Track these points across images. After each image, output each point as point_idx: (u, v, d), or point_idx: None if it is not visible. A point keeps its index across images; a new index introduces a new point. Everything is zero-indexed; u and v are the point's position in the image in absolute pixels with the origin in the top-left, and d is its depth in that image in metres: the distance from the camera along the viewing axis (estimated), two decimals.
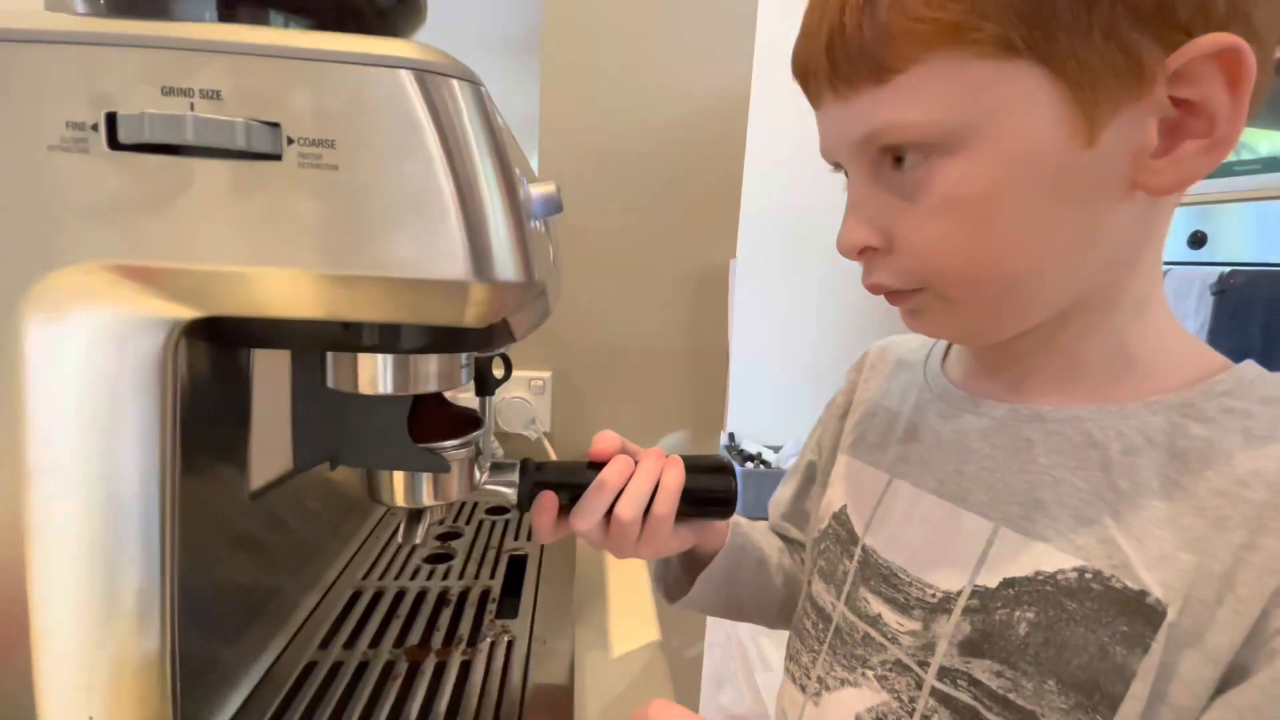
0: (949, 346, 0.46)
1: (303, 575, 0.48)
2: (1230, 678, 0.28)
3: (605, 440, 0.43)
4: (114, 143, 0.23)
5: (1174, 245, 1.52)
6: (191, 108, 0.23)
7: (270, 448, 0.36)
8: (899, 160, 0.31)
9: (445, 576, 0.51)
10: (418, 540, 0.39)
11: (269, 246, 0.25)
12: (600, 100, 0.83)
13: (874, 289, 0.36)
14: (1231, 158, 1.50)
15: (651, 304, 0.87)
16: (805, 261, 2.57)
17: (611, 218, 0.84)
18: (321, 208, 0.24)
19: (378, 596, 0.47)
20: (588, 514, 0.40)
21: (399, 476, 0.38)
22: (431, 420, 0.39)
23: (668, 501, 0.41)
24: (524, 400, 0.83)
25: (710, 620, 1.09)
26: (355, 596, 0.47)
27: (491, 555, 0.55)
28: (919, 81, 0.29)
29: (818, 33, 0.32)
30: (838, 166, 0.37)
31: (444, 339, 0.32)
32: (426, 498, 0.38)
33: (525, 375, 0.84)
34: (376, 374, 0.35)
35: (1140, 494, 0.31)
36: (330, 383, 0.35)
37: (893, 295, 0.36)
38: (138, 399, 0.25)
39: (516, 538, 0.58)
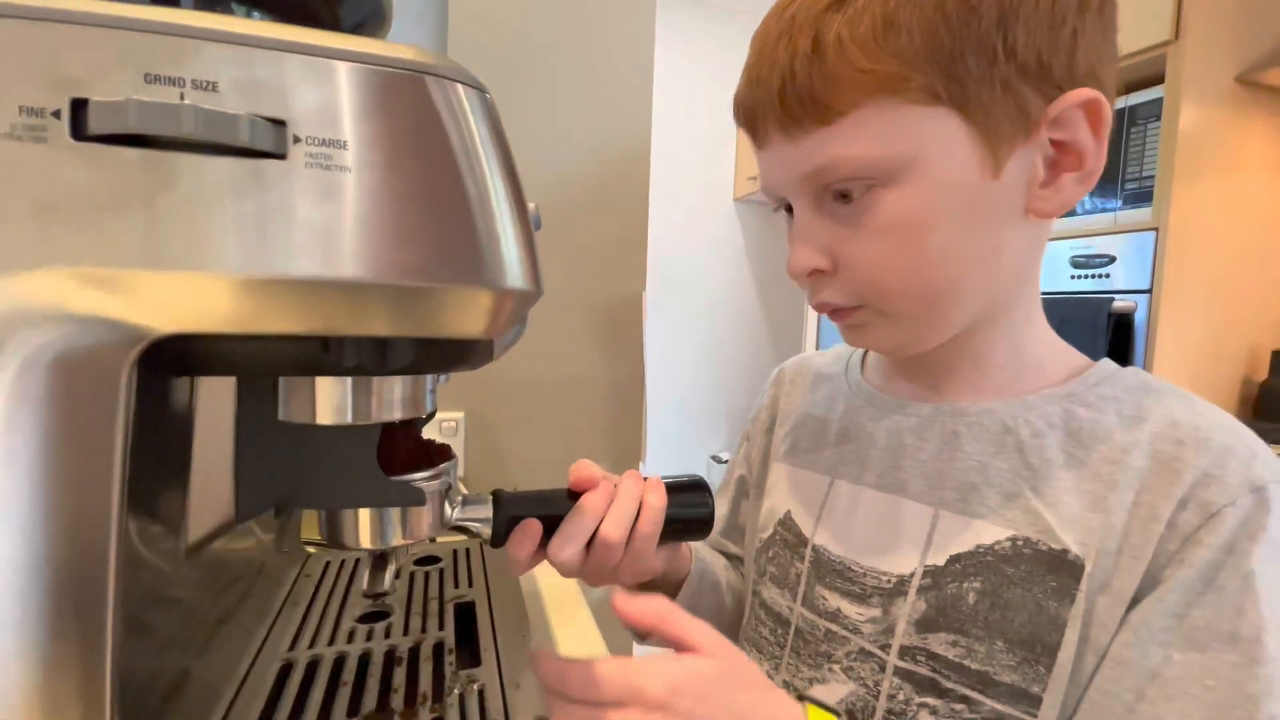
0: (864, 358, 0.51)
1: (213, 655, 0.41)
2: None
3: (585, 469, 0.42)
4: (79, 133, 0.20)
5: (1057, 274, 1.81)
6: (182, 98, 0.21)
7: (211, 495, 0.31)
8: (841, 194, 0.36)
9: (387, 635, 0.46)
10: (385, 587, 0.36)
11: (267, 252, 0.22)
12: (507, 127, 0.83)
13: (820, 308, 0.40)
14: None
15: (564, 338, 0.87)
16: (678, 305, 2.70)
17: None
18: (331, 211, 0.23)
19: (314, 666, 0.41)
20: (570, 540, 0.39)
21: (364, 515, 0.34)
22: (399, 450, 0.36)
23: (653, 520, 0.40)
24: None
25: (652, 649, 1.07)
26: (287, 669, 0.41)
27: (434, 606, 0.50)
28: (860, 123, 0.34)
29: (768, 80, 0.36)
30: (780, 204, 0.41)
31: (432, 357, 0.30)
32: (396, 537, 0.34)
33: (438, 416, 0.80)
34: (339, 401, 0.32)
35: (1049, 469, 0.37)
36: (282, 415, 0.32)
37: (836, 312, 0.40)
38: (88, 433, 0.21)
39: (457, 585, 0.54)
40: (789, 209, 0.40)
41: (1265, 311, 1.55)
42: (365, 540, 0.34)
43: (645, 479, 0.43)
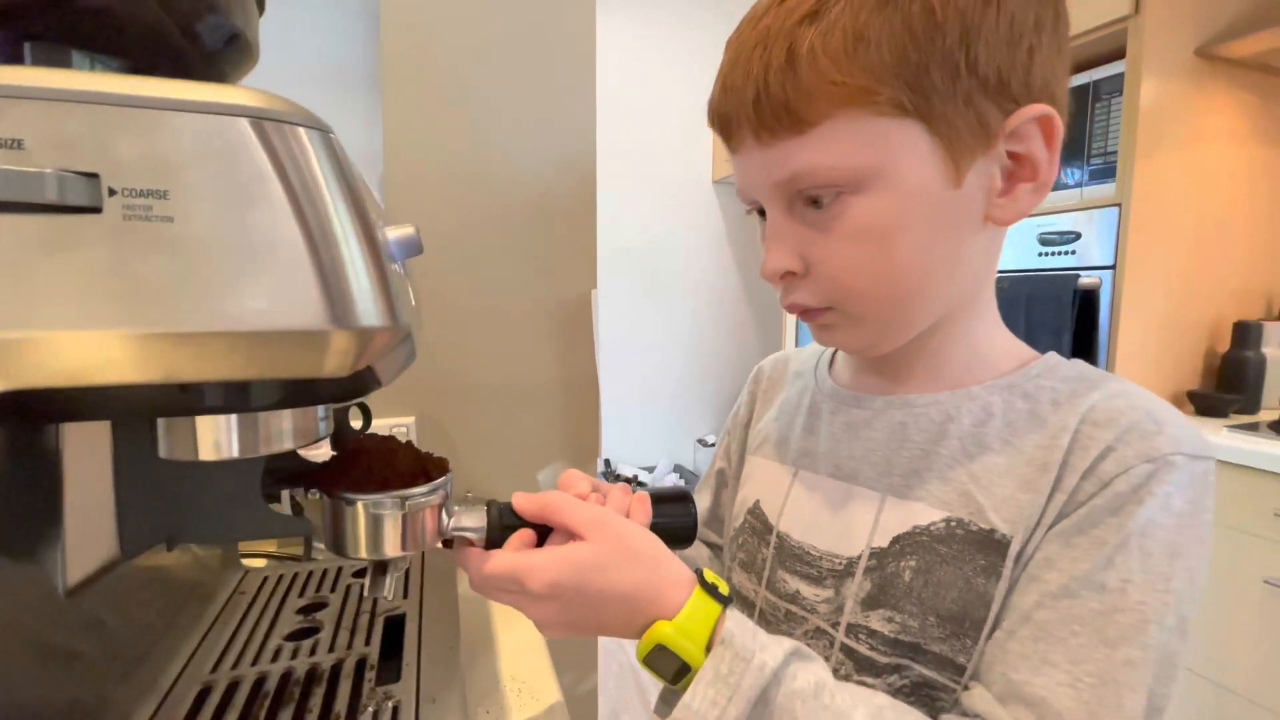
0: (834, 355, 0.53)
1: (134, 680, 0.41)
2: None
3: (574, 481, 0.42)
4: None
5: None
6: None
7: (90, 535, 0.31)
8: (813, 200, 0.37)
9: (313, 652, 0.46)
10: (386, 593, 0.38)
11: (90, 306, 0.22)
12: (445, 136, 0.82)
13: (792, 308, 0.42)
14: None
15: (515, 339, 0.86)
16: (664, 291, 2.70)
17: (466, 255, 0.83)
18: (155, 262, 0.23)
19: (232, 688, 0.42)
20: None
21: (363, 528, 0.36)
22: (396, 465, 0.38)
23: None
24: None
25: (601, 652, 1.08)
26: (204, 693, 0.42)
27: (365, 620, 0.51)
28: (831, 133, 0.35)
29: (743, 89, 0.37)
30: (753, 207, 0.42)
31: (304, 392, 0.30)
32: (392, 548, 0.37)
33: (386, 423, 0.80)
34: (220, 437, 0.32)
35: (986, 454, 0.39)
36: (163, 452, 0.32)
37: (807, 313, 0.42)
38: None
39: (391, 597, 0.55)
40: (761, 212, 0.41)
41: (1226, 284, 1.56)
42: (363, 551, 0.36)
43: (634, 491, 0.43)
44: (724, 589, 0.38)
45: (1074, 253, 1.51)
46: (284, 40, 0.82)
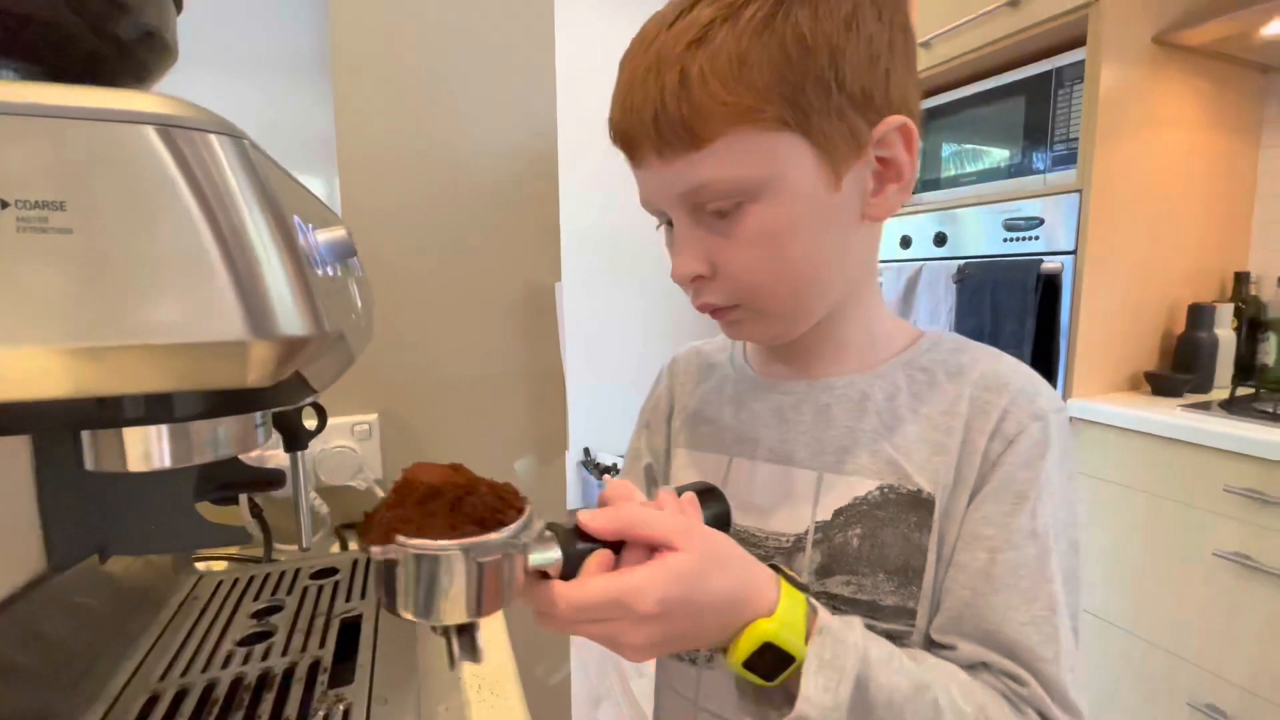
0: (745, 346, 0.56)
1: (80, 689, 0.41)
2: None
3: (627, 489, 0.39)
4: None
5: (923, 245, 1.83)
6: None
7: (14, 551, 0.31)
8: (717, 210, 0.40)
9: (265, 656, 0.46)
10: (478, 658, 0.33)
11: None
12: (400, 122, 0.80)
13: (703, 308, 0.45)
14: (956, 171, 1.84)
15: (478, 331, 0.86)
16: (635, 276, 2.69)
17: (425, 247, 0.82)
18: (54, 275, 0.22)
19: (180, 697, 0.42)
20: None
21: (459, 589, 0.30)
22: (464, 504, 0.32)
23: None
24: (348, 449, 0.77)
25: (576, 641, 1.09)
26: (152, 702, 0.41)
27: (320, 623, 0.50)
28: (725, 148, 0.38)
29: (641, 108, 0.39)
30: (661, 218, 0.45)
31: (231, 401, 0.30)
32: (464, 613, 0.30)
33: (347, 421, 0.79)
34: (151, 447, 0.31)
35: (901, 425, 0.45)
36: (90, 464, 0.31)
37: (717, 311, 0.45)
38: None
39: (349, 598, 0.54)
40: (668, 222, 0.44)
41: (1182, 267, 1.60)
42: (447, 615, 0.30)
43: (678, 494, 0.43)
44: (800, 577, 0.40)
45: (1037, 238, 1.54)
46: (233, 26, 0.80)
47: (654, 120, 0.39)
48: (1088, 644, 1.46)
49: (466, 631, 0.33)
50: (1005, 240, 1.61)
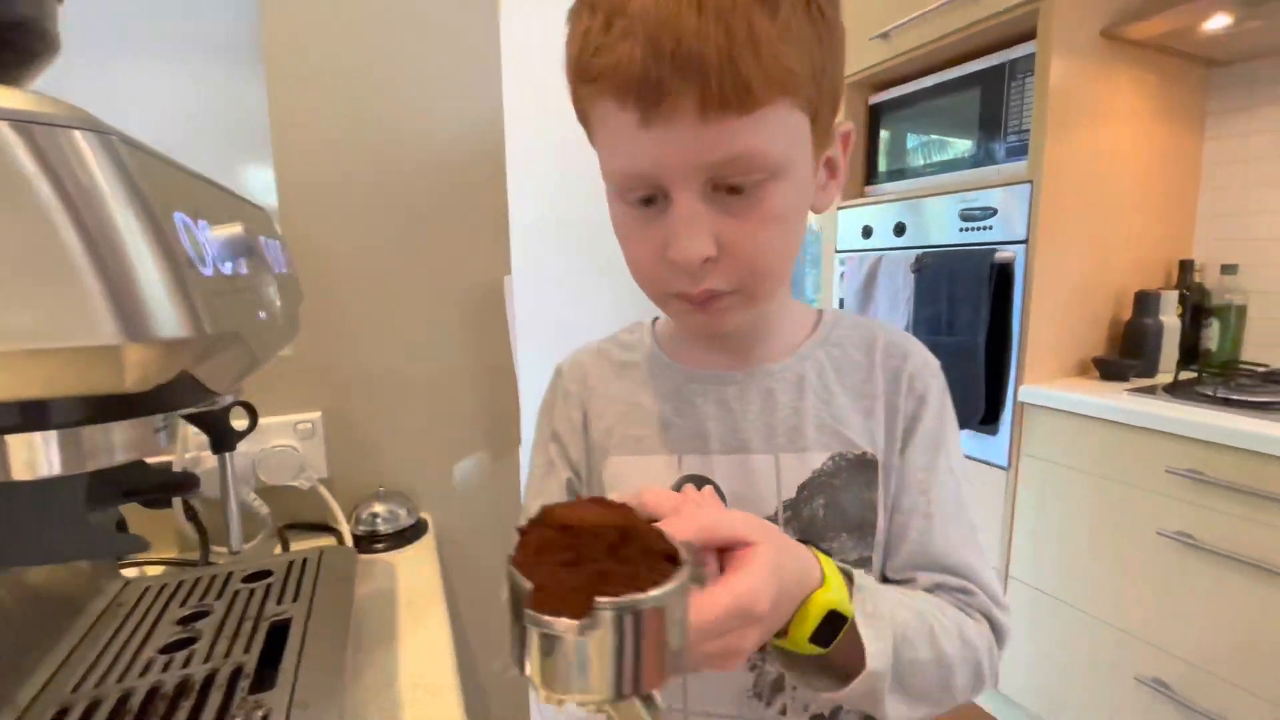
0: (658, 341, 0.54)
1: None
2: None
3: (674, 495, 0.37)
4: None
5: (884, 235, 1.85)
6: None
7: None
8: (732, 187, 0.38)
9: (187, 663, 0.45)
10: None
11: None
12: (338, 111, 0.77)
13: (704, 294, 0.41)
14: (916, 162, 1.86)
15: (424, 327, 0.84)
16: (605, 264, 2.67)
17: (368, 239, 0.80)
18: None
19: (93, 708, 0.40)
20: None
21: (637, 644, 0.25)
22: (618, 555, 0.27)
23: None
24: (289, 448, 0.76)
25: None
26: (62, 714, 0.40)
27: (248, 627, 0.50)
28: (769, 119, 0.36)
29: (695, 55, 0.34)
30: (648, 192, 0.39)
31: (122, 405, 0.29)
32: (676, 666, 0.27)
33: (288, 420, 0.77)
34: (36, 455, 0.30)
35: (834, 398, 0.49)
36: None
37: (712, 299, 0.42)
38: None
39: (281, 601, 0.53)
40: (644, 200, 0.40)
41: (1130, 255, 1.65)
42: (671, 670, 0.27)
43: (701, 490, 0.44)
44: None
45: (991, 228, 1.57)
46: (163, 8, 0.77)
47: (715, 71, 0.34)
48: (1041, 622, 1.51)
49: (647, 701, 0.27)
50: (961, 230, 1.64)
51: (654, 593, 0.26)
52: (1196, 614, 1.23)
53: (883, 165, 1.95)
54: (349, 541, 0.70)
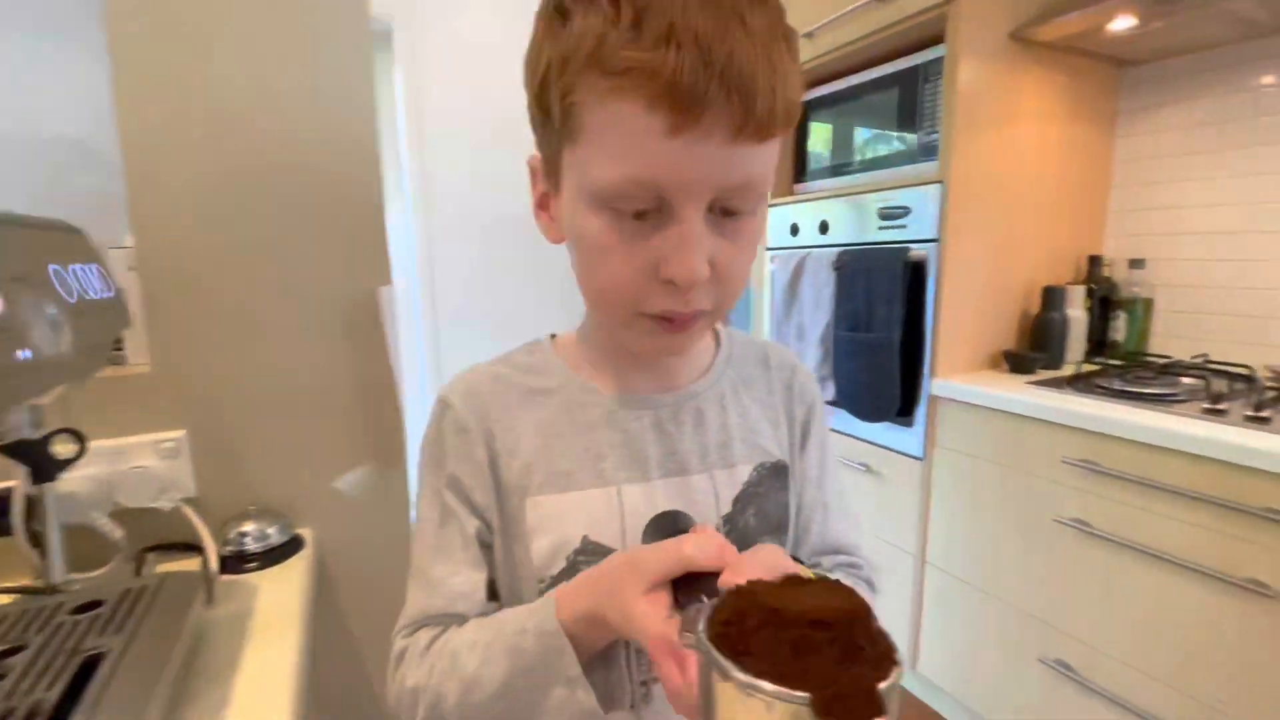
0: (563, 366, 0.50)
1: None
2: None
3: (720, 541, 0.37)
4: None
5: (810, 233, 1.88)
6: None
7: None
8: (727, 210, 0.39)
9: None
10: None
11: None
12: (191, 104, 0.73)
13: (694, 315, 0.42)
14: (843, 161, 1.88)
15: (299, 340, 0.82)
16: (520, 271, 2.64)
17: (233, 250, 0.78)
18: None
19: None
20: None
21: None
22: (856, 642, 0.25)
23: None
24: (148, 469, 0.74)
25: None
26: None
27: (60, 661, 0.48)
28: (773, 148, 0.39)
29: (745, 77, 0.34)
30: (652, 204, 0.38)
31: None
32: None
33: (147, 439, 0.75)
34: None
35: (748, 411, 0.52)
36: None
37: (693, 319, 0.42)
38: None
39: (104, 633, 0.52)
40: (635, 214, 0.38)
41: (1041, 252, 1.70)
42: None
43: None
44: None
45: (905, 227, 1.60)
46: None
47: (762, 95, 0.35)
48: (955, 605, 1.57)
49: None
50: (880, 229, 1.67)
51: (883, 685, 0.24)
52: (1093, 598, 1.28)
53: (812, 163, 1.97)
54: (213, 563, 0.69)
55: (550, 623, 0.40)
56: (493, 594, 0.49)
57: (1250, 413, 1.14)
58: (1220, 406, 1.19)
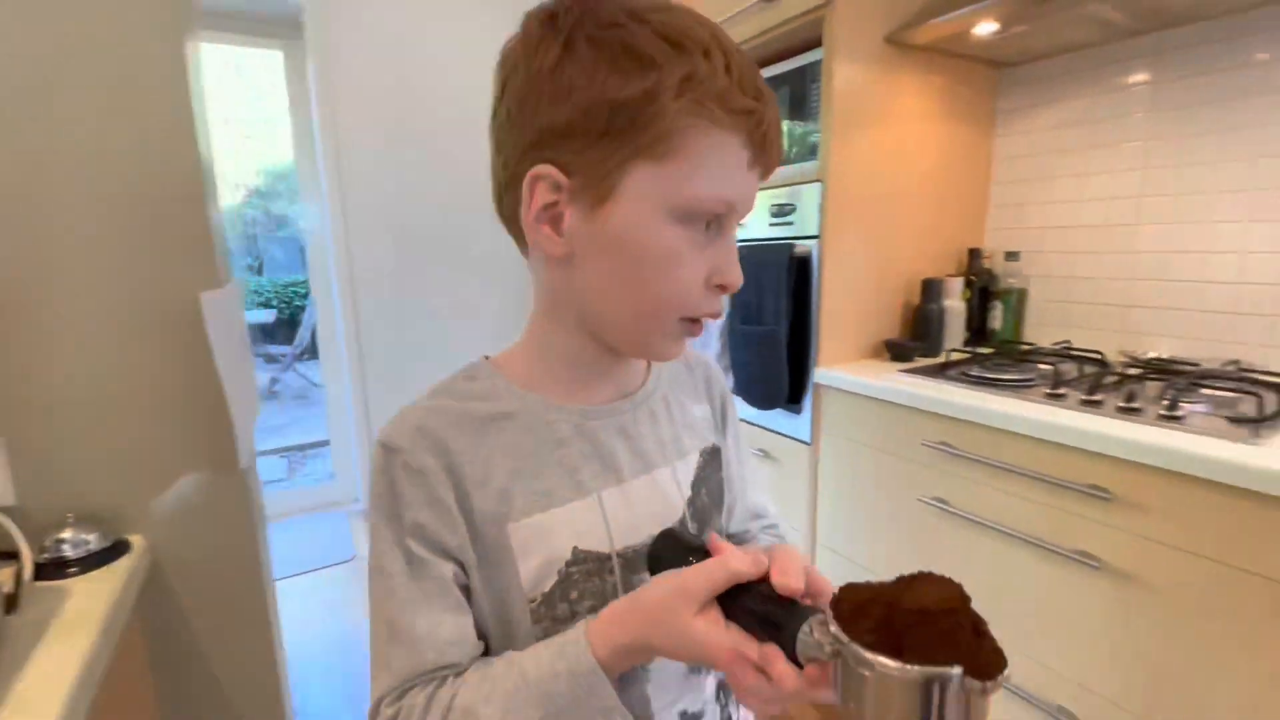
0: (510, 387, 0.50)
1: None
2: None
3: (752, 553, 0.43)
4: None
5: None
6: None
7: None
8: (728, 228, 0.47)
9: None
10: None
11: None
12: None
13: (713, 316, 0.49)
14: None
15: (121, 346, 0.81)
16: (477, 271, 2.63)
17: (44, 252, 0.76)
18: None
19: None
20: None
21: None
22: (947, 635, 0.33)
23: None
24: None
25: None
26: None
27: None
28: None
29: (776, 133, 0.46)
30: (724, 216, 0.46)
31: None
32: None
33: None
34: None
35: (685, 405, 0.60)
36: None
37: (702, 322, 0.50)
38: None
39: None
40: (707, 224, 0.46)
41: (923, 246, 1.79)
42: None
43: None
44: None
45: (792, 223, 1.66)
46: None
47: (780, 139, 0.47)
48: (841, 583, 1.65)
49: None
50: (771, 225, 1.73)
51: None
52: (952, 570, 1.34)
53: None
54: (28, 570, 0.69)
55: (585, 663, 0.41)
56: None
57: (1084, 396, 1.23)
58: (1060, 391, 1.28)
